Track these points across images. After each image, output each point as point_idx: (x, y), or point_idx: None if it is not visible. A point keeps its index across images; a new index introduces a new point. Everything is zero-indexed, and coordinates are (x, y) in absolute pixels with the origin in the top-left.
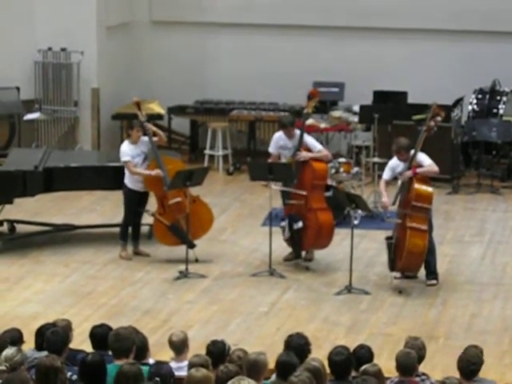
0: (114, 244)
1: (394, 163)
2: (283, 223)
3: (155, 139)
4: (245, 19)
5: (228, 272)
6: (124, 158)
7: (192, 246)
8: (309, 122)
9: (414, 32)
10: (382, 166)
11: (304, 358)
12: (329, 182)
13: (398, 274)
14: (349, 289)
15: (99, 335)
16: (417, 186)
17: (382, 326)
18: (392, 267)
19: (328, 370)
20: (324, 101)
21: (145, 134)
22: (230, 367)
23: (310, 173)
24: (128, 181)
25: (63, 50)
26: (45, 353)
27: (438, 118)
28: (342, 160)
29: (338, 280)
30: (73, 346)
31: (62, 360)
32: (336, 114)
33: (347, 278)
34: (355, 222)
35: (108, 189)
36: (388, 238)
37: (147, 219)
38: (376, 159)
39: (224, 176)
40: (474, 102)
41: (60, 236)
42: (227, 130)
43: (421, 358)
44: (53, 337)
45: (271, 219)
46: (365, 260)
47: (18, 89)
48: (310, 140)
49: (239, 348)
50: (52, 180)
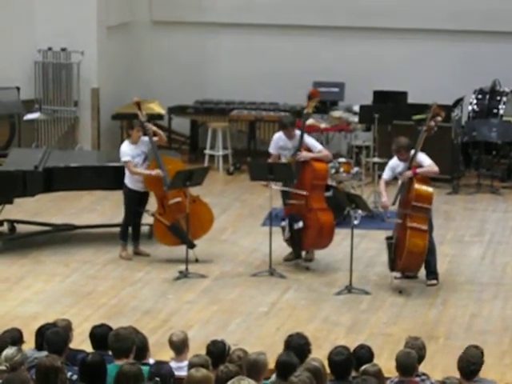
0: (114, 244)
1: (394, 163)
2: (283, 223)
3: (155, 139)
4: (245, 19)
5: (228, 272)
6: (124, 158)
7: (192, 246)
8: (309, 122)
9: (414, 32)
10: (382, 166)
11: (304, 358)
12: (329, 182)
13: (398, 274)
14: (349, 289)
15: (99, 335)
16: (417, 186)
17: (382, 326)
18: (392, 267)
19: (328, 370)
20: (324, 101)
21: (145, 134)
22: (230, 367)
23: (310, 173)
24: (128, 181)
25: (63, 50)
26: (45, 353)
27: (438, 118)
28: (342, 160)
29: (338, 280)
30: (73, 346)
31: (62, 360)
32: (336, 114)
33: (347, 278)
34: (355, 222)
35: (108, 189)
36: (388, 238)
37: (147, 219)
38: (376, 159)
39: (224, 176)
40: (474, 102)
41: (60, 236)
42: (227, 129)
43: (421, 358)
44: (53, 337)
45: (271, 219)
46: (365, 260)
47: (18, 89)
48: (310, 140)
49: (239, 348)
50: (52, 180)
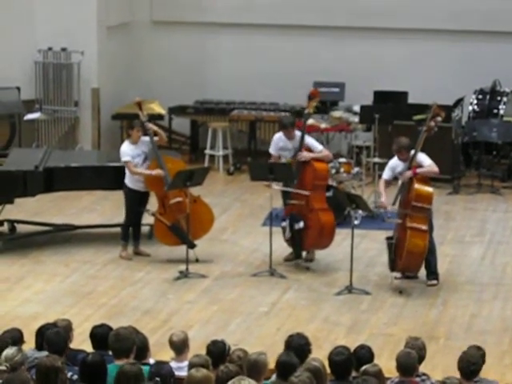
0: (114, 244)
1: (394, 163)
2: (284, 223)
3: (156, 139)
4: (245, 19)
5: (228, 272)
6: (124, 158)
7: (192, 245)
8: (309, 122)
9: (414, 32)
10: (383, 166)
11: (304, 358)
12: (329, 182)
13: (398, 275)
14: (349, 289)
15: (99, 335)
16: (417, 186)
17: (382, 326)
18: (392, 267)
19: (328, 370)
20: (324, 101)
21: (145, 134)
22: (230, 367)
23: (311, 173)
24: (128, 181)
25: (63, 50)
26: (45, 353)
27: (439, 118)
28: (342, 160)
29: (338, 280)
30: (73, 345)
31: (63, 360)
32: (336, 114)
33: (348, 278)
34: (356, 222)
35: (108, 189)
36: (388, 238)
37: (148, 219)
38: (376, 159)
39: (224, 176)
40: (475, 102)
41: (60, 236)
42: (227, 130)
43: (421, 358)
44: (53, 337)
45: (271, 219)
46: (365, 260)
47: (18, 89)
48: (310, 140)
49: (239, 348)
50: (52, 180)
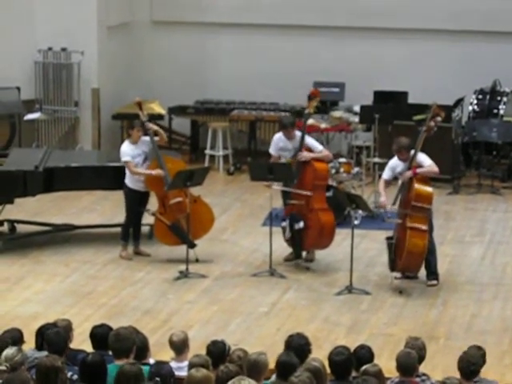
0: (114, 244)
1: (394, 163)
2: (284, 223)
3: (156, 139)
4: (245, 19)
5: (228, 272)
6: (124, 159)
7: (192, 245)
8: (309, 122)
9: (414, 32)
10: (383, 166)
11: (304, 358)
12: (329, 182)
13: (398, 275)
14: (349, 289)
15: (99, 335)
16: (417, 186)
17: (382, 326)
18: (392, 267)
19: (328, 370)
20: (324, 101)
21: (145, 133)
22: (230, 367)
23: (311, 173)
24: (129, 181)
25: (63, 49)
26: (45, 353)
27: (438, 119)
28: (342, 160)
29: (338, 280)
30: (73, 345)
31: (63, 360)
32: (336, 114)
33: (348, 278)
34: (356, 222)
35: (108, 189)
36: (388, 238)
37: (148, 219)
38: (376, 159)
39: (224, 176)
40: (475, 102)
41: (60, 236)
42: (228, 130)
43: (421, 359)
44: (53, 337)
45: (271, 219)
46: (365, 260)
47: (18, 89)
48: (310, 141)
49: (239, 348)
50: (52, 180)
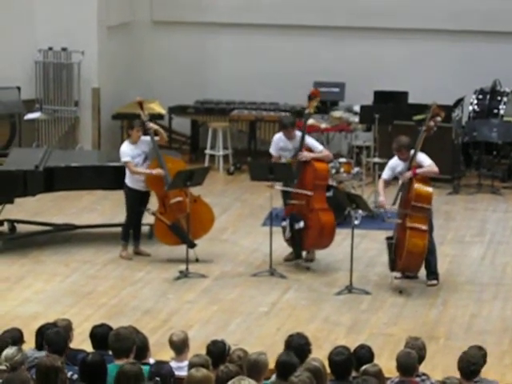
0: (114, 244)
1: (394, 163)
2: (284, 223)
3: (156, 139)
4: (245, 19)
5: (228, 272)
6: (124, 159)
7: (192, 245)
8: (309, 122)
9: (414, 32)
10: (383, 166)
11: (304, 358)
12: (329, 182)
13: (398, 274)
14: (349, 289)
15: (99, 335)
16: (416, 186)
17: (382, 326)
18: (392, 267)
19: (328, 370)
20: (324, 101)
21: (145, 133)
22: (230, 367)
23: (311, 173)
24: (129, 180)
25: (64, 49)
26: (45, 353)
27: (438, 118)
28: (342, 160)
29: (338, 280)
30: (73, 345)
31: (63, 360)
32: (336, 114)
33: (348, 278)
34: (356, 222)
35: (108, 189)
36: (388, 238)
37: (148, 219)
38: (376, 159)
39: (224, 176)
40: (475, 102)
41: (60, 236)
42: (228, 129)
43: (421, 358)
44: (53, 337)
45: (272, 219)
46: (365, 260)
47: (18, 88)
48: (310, 141)
49: (239, 348)
50: (53, 180)
